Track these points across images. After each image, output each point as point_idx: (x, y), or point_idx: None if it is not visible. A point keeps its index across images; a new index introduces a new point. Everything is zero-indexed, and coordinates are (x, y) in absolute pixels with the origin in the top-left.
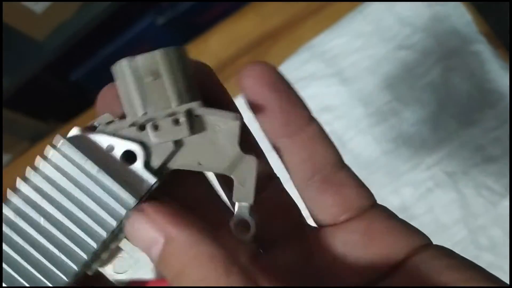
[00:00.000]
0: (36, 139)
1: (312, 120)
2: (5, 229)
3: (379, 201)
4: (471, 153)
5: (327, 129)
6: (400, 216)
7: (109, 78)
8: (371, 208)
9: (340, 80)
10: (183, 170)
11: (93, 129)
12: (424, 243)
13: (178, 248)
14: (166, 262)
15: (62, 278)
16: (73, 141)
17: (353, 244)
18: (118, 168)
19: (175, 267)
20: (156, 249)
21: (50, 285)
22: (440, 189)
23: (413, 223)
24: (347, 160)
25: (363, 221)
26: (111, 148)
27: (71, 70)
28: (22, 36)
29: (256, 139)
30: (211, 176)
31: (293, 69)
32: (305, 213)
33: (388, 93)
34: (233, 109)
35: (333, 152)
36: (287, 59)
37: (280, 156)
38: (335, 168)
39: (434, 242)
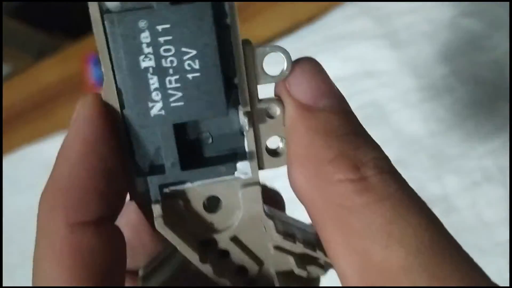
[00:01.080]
0: (41, 54)
1: None
2: None
3: (417, 188)
4: None
5: (368, 97)
6: (439, 206)
7: None
8: None
9: (392, 43)
10: None
11: None
12: None
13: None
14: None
15: None
16: None
17: None
18: None
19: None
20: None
21: None
22: (488, 184)
23: (452, 216)
24: (387, 135)
25: None
26: None
27: None
28: None
29: None
30: None
31: (336, 23)
32: None
33: (444, 65)
34: None
35: None
36: (330, 12)
37: None
38: None
39: (473, 240)
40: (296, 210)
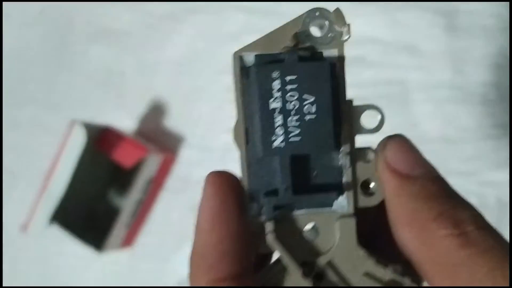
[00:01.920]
0: None
1: None
2: None
3: None
4: None
5: (398, 74)
6: None
7: None
8: None
9: (447, 24)
10: None
11: None
12: None
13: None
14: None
15: None
16: None
17: None
18: None
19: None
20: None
21: None
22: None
23: None
24: (400, 123)
25: None
26: None
27: None
28: None
29: None
30: None
31: None
32: None
33: (490, 71)
34: None
35: None
36: None
37: None
38: None
39: None
40: None
